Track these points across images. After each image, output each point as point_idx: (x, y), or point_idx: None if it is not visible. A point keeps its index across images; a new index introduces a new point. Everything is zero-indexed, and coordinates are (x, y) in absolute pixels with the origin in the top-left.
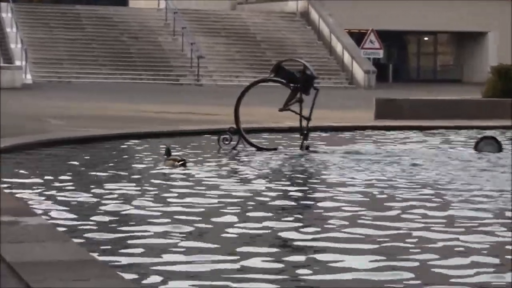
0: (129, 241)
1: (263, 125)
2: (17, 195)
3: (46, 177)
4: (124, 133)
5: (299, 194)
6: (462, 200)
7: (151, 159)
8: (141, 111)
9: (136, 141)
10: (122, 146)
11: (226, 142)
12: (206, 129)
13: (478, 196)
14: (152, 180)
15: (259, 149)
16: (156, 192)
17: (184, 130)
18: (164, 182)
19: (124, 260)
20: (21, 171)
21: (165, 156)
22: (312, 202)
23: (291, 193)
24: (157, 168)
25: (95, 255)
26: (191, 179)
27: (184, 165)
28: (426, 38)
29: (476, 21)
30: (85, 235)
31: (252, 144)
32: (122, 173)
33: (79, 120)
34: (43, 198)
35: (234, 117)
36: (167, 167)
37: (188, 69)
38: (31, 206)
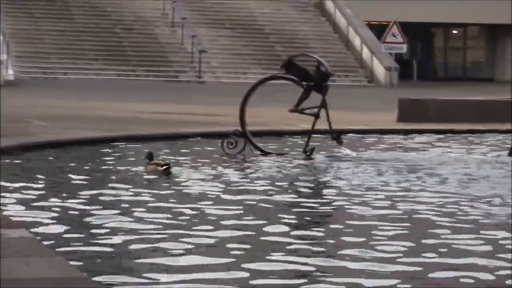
0: (122, 256)
1: (273, 128)
2: None
3: (27, 184)
4: (115, 136)
5: (310, 206)
6: (488, 215)
7: (144, 165)
8: (135, 111)
9: (129, 145)
10: (111, 150)
11: (231, 147)
12: (208, 132)
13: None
14: (144, 188)
15: (268, 154)
16: (148, 201)
17: (183, 132)
18: (156, 191)
19: (118, 277)
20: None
21: (147, 161)
22: (325, 216)
23: (301, 204)
24: (142, 174)
25: (84, 272)
26: (190, 189)
27: (168, 170)
28: (454, 32)
29: (510, 12)
30: (73, 249)
31: (259, 149)
32: (112, 180)
33: (66, 121)
34: (25, 207)
35: (239, 119)
36: (149, 173)
37: (188, 64)
38: (11, 216)
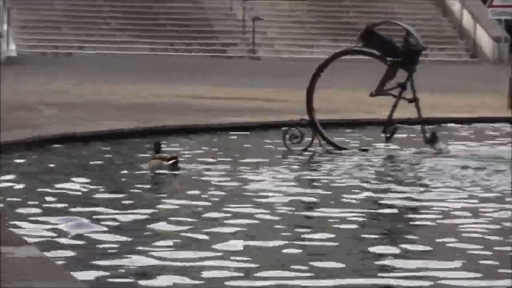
0: (152, 277)
1: (348, 116)
2: None
3: (35, 189)
4: (144, 128)
5: (400, 215)
6: None
7: (182, 165)
8: (172, 96)
9: (162, 139)
10: (140, 144)
11: (295, 140)
12: (265, 122)
13: None
14: (178, 193)
15: (343, 150)
16: (184, 212)
17: (233, 123)
18: (195, 200)
19: None
20: (1, 180)
21: (153, 153)
22: (418, 227)
23: (389, 212)
24: (148, 171)
25: None
26: (242, 194)
27: (175, 165)
28: None
29: None
30: (91, 271)
31: (332, 143)
32: (139, 184)
33: (81, 109)
34: (33, 219)
35: (306, 105)
36: (152, 168)
37: (239, 35)
38: (16, 230)
